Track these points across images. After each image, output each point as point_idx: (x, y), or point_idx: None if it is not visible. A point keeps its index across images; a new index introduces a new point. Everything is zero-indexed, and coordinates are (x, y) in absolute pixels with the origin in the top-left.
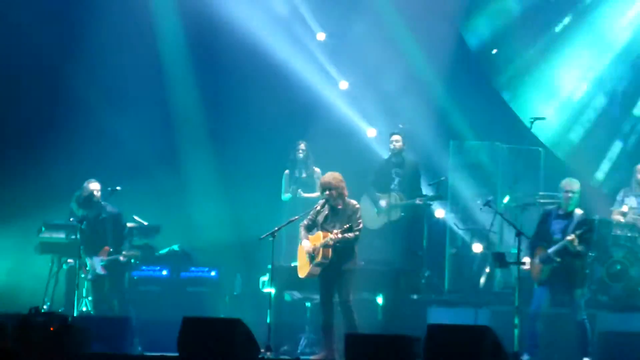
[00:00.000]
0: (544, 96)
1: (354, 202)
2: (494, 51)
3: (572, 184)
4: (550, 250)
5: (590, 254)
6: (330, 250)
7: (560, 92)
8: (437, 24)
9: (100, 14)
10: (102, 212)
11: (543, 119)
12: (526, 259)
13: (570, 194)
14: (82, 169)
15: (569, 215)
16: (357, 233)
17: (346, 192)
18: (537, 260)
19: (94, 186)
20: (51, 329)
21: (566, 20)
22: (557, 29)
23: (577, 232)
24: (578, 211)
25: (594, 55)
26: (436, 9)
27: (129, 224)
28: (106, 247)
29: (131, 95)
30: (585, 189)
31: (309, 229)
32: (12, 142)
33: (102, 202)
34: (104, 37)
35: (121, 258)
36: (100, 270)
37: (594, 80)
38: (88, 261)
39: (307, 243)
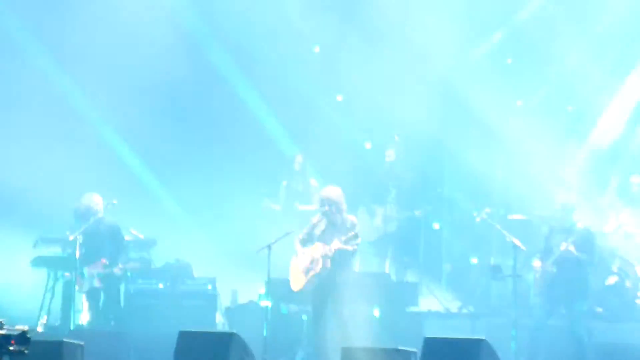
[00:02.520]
0: None
1: (352, 217)
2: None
3: (565, 200)
4: (548, 262)
5: (590, 266)
6: (329, 260)
7: None
8: (437, 36)
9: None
10: (100, 225)
11: None
12: (536, 263)
13: (563, 208)
14: (79, 183)
15: (569, 228)
16: (355, 247)
17: (345, 207)
18: (537, 273)
19: (93, 199)
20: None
21: None
22: None
23: (572, 243)
24: (579, 224)
25: None
26: (437, 21)
27: (126, 237)
28: (103, 260)
29: (128, 106)
30: (584, 202)
31: (304, 242)
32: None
33: (100, 215)
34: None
35: (116, 270)
36: (96, 283)
37: None
38: (85, 274)
39: (304, 257)
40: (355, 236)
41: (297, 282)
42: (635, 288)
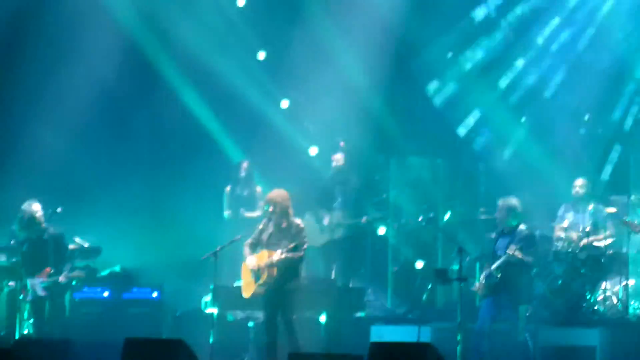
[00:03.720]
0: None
1: (298, 221)
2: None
3: (508, 202)
4: (492, 267)
5: (534, 269)
6: (275, 269)
7: None
8: (376, 41)
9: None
10: (44, 234)
11: None
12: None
13: (506, 212)
14: (20, 191)
15: (512, 231)
16: (301, 253)
17: (291, 211)
18: (482, 277)
19: (35, 207)
20: None
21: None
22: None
23: (517, 246)
24: (522, 227)
25: None
26: (376, 30)
27: (70, 246)
28: (47, 269)
29: (70, 113)
30: (528, 205)
31: (253, 247)
32: None
33: (44, 224)
34: (47, 55)
35: (61, 279)
36: (40, 292)
37: None
38: (29, 282)
39: (252, 261)
40: (301, 245)
41: (248, 290)
42: (580, 292)
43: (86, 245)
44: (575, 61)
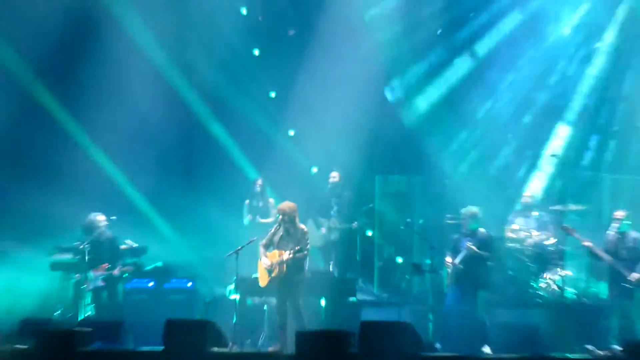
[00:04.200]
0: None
1: (302, 226)
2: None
3: (470, 210)
4: (456, 260)
5: (490, 262)
6: (285, 265)
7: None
8: (365, 85)
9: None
10: (102, 237)
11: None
12: (448, 259)
13: (468, 218)
14: (81, 204)
15: (473, 233)
16: (305, 252)
17: (297, 218)
18: (449, 268)
19: (96, 217)
20: None
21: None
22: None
23: (475, 245)
24: (481, 230)
25: None
26: (364, 74)
27: (122, 246)
28: (104, 264)
29: (119, 141)
30: (485, 212)
31: (267, 247)
32: (30, 185)
33: (102, 229)
34: (99, 94)
35: (115, 272)
36: (99, 283)
37: None
38: (90, 275)
39: (266, 260)
40: (304, 246)
41: (262, 280)
42: (530, 280)
43: (135, 245)
44: (519, 98)
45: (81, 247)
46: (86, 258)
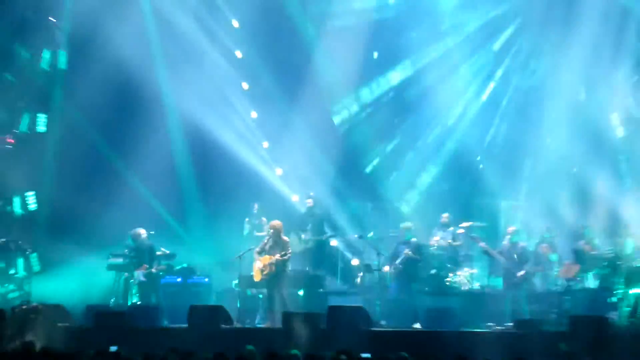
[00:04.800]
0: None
1: (286, 238)
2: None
3: (405, 225)
4: (397, 262)
5: (420, 263)
6: (273, 266)
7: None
8: (329, 134)
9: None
10: (143, 245)
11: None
12: (386, 268)
13: (404, 231)
14: (131, 222)
15: (408, 242)
16: (288, 256)
17: (282, 232)
18: (391, 267)
19: (139, 231)
20: None
21: None
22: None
23: (410, 250)
24: (414, 239)
25: None
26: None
27: (158, 252)
28: (145, 265)
29: (154, 174)
30: (417, 227)
31: (260, 253)
32: (92, 210)
33: (144, 239)
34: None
35: (153, 270)
36: (142, 278)
37: None
38: (135, 273)
39: (259, 263)
40: (287, 252)
41: (257, 277)
42: (448, 276)
43: (167, 252)
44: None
45: (128, 253)
46: (132, 261)
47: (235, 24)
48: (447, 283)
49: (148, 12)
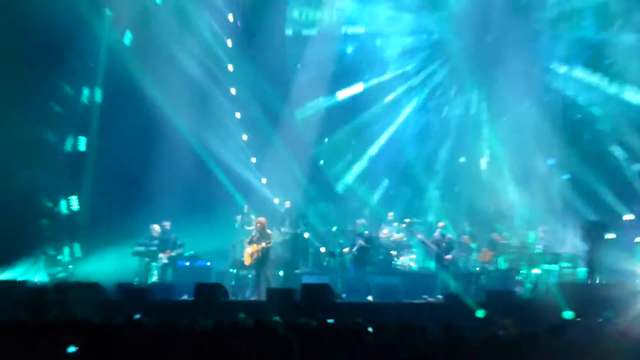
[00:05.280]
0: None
1: (269, 231)
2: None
3: (360, 221)
4: (353, 249)
5: (372, 251)
6: (260, 252)
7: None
8: (303, 152)
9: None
10: (167, 235)
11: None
12: (346, 249)
13: (360, 226)
14: (149, 219)
15: (362, 234)
16: (270, 245)
17: (267, 227)
18: (350, 254)
19: (161, 224)
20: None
21: None
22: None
23: (363, 241)
24: (366, 232)
25: None
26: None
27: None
28: (168, 250)
29: (167, 181)
30: (370, 222)
31: (249, 242)
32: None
33: (162, 232)
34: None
35: (174, 254)
36: (165, 261)
37: None
38: (159, 257)
39: (249, 250)
40: (269, 242)
41: (247, 261)
42: (393, 260)
43: (179, 242)
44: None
45: (151, 242)
46: (157, 248)
47: (230, 67)
48: (392, 265)
49: (165, 58)
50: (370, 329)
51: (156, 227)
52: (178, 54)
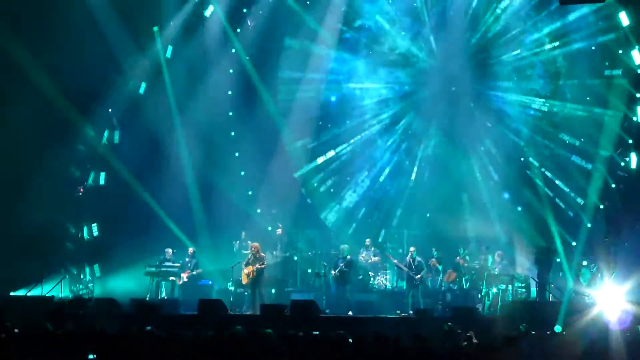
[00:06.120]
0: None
1: (263, 254)
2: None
3: (343, 247)
4: (336, 271)
5: (352, 272)
6: (255, 273)
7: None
8: (292, 185)
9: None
10: (192, 259)
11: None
12: (334, 272)
13: (342, 250)
14: (159, 243)
15: (344, 258)
16: (264, 267)
17: (260, 251)
18: (334, 275)
19: (169, 250)
20: None
21: None
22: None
23: (344, 264)
24: (348, 256)
25: None
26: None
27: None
28: (187, 271)
29: (174, 209)
30: (351, 248)
31: (246, 264)
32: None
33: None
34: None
35: (195, 273)
36: (185, 279)
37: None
38: (182, 276)
39: (245, 270)
40: (263, 264)
41: (244, 280)
42: (370, 280)
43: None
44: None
45: (165, 263)
46: (174, 269)
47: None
48: (370, 285)
49: (174, 103)
50: (350, 340)
51: (169, 251)
52: (185, 101)
